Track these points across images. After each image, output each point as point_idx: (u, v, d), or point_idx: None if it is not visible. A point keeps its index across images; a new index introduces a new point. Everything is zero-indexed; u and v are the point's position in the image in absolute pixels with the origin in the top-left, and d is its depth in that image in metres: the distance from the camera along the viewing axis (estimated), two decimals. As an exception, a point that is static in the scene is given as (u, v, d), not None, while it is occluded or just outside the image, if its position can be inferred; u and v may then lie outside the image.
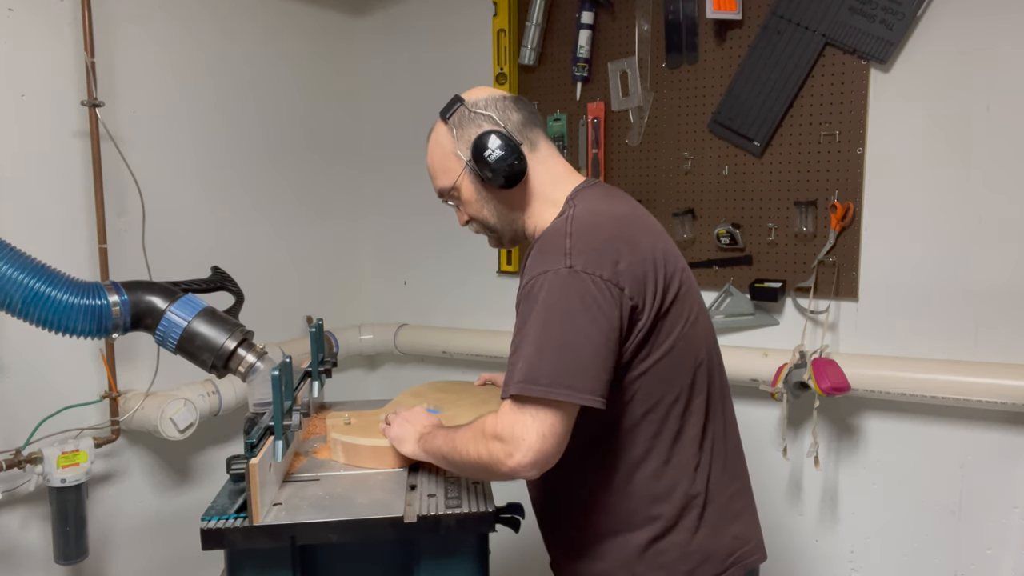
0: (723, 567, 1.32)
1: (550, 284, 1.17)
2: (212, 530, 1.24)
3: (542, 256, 1.22)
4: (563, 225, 1.24)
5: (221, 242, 2.37)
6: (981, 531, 1.97)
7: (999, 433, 1.92)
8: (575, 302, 1.15)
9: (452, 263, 2.80)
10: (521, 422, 1.13)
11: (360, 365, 3.00)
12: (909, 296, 1.99)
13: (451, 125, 1.34)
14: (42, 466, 1.84)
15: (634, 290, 1.20)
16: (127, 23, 2.09)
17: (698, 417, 1.31)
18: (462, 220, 1.42)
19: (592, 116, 2.36)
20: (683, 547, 1.29)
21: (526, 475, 1.15)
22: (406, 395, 1.76)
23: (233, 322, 1.49)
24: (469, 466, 1.24)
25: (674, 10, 2.20)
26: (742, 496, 1.40)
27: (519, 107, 1.35)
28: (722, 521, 1.33)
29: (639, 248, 1.24)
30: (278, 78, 2.56)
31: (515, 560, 2.32)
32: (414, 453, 1.40)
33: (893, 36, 1.92)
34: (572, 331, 1.15)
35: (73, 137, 1.98)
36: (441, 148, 1.36)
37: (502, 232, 1.39)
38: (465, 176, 1.34)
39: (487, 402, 1.65)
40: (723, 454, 1.36)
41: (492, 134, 1.28)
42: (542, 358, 1.14)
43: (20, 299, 1.32)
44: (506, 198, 1.35)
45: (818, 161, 2.06)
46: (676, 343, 1.26)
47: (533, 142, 1.34)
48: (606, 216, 1.28)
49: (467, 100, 1.35)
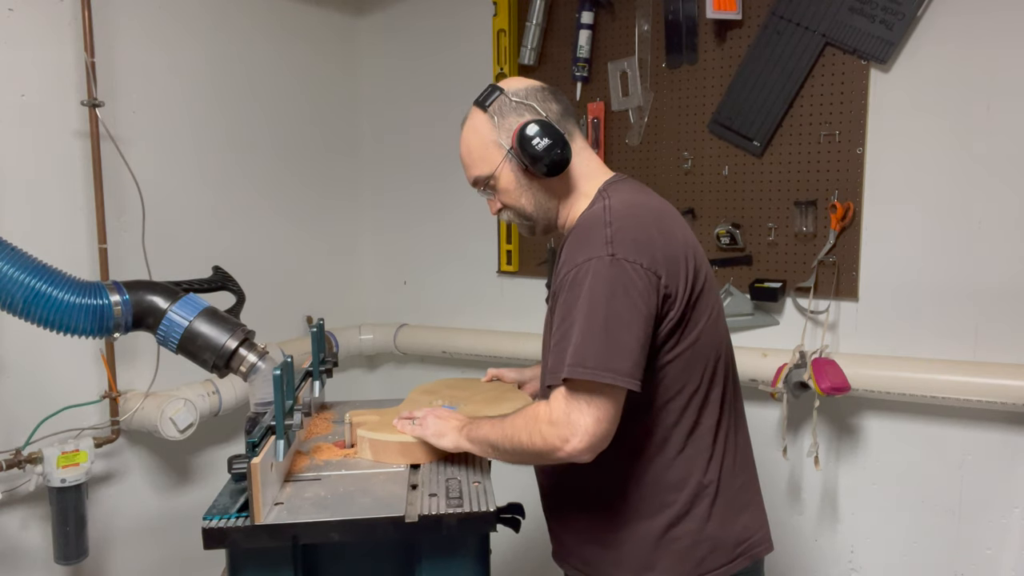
0: (732, 556, 1.35)
1: (594, 271, 1.20)
2: (214, 529, 1.24)
3: (583, 244, 1.24)
4: (602, 214, 1.27)
5: (221, 242, 2.37)
6: (981, 531, 1.97)
7: (999, 433, 1.93)
8: (618, 288, 1.19)
9: (452, 263, 2.80)
10: (577, 408, 1.17)
11: (360, 365, 3.00)
12: (909, 296, 2.00)
13: (491, 114, 1.35)
14: (42, 466, 1.84)
15: (669, 279, 1.24)
16: (127, 23, 2.09)
17: (714, 409, 1.35)
18: (493, 209, 1.43)
19: (592, 116, 2.36)
20: (695, 535, 1.32)
21: (582, 459, 1.19)
22: (418, 392, 1.77)
23: (234, 322, 1.49)
24: (520, 452, 1.27)
25: (674, 10, 2.20)
26: (750, 488, 1.43)
27: (557, 98, 1.38)
28: (731, 511, 1.36)
29: (673, 240, 1.28)
30: (278, 78, 2.56)
31: (516, 560, 2.33)
32: (457, 444, 1.40)
33: (893, 36, 1.93)
34: (615, 316, 1.18)
35: (73, 137, 1.98)
36: (480, 137, 1.37)
37: (537, 220, 1.40)
38: (506, 164, 1.35)
39: (500, 398, 1.66)
40: (734, 447, 1.39)
41: (537, 123, 1.29)
42: (590, 342, 1.17)
43: (21, 298, 1.32)
44: (546, 187, 1.37)
45: (818, 161, 2.06)
46: (701, 335, 1.30)
47: (571, 133, 1.36)
48: (643, 208, 1.31)
49: (506, 89, 1.36)
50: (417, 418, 1.48)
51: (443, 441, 1.42)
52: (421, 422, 1.46)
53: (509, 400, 1.64)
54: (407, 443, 1.46)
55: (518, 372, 1.79)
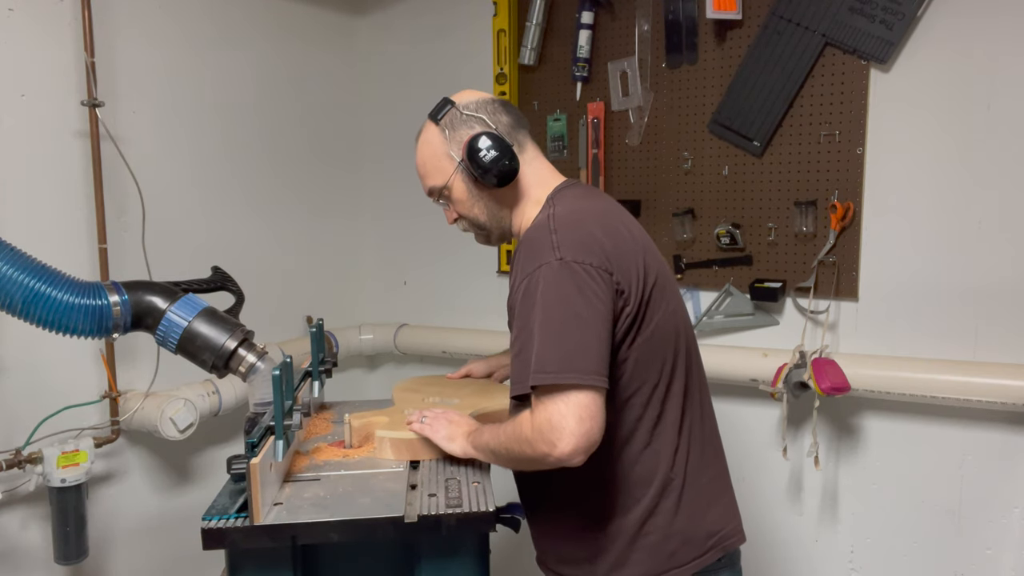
0: (704, 549, 1.36)
1: (545, 277, 1.22)
2: (213, 530, 1.24)
3: (531, 254, 1.27)
4: (547, 222, 1.29)
5: (221, 242, 2.37)
6: (981, 531, 1.97)
7: (999, 433, 1.93)
8: (572, 289, 1.21)
9: (452, 263, 2.80)
10: (557, 411, 1.17)
11: (360, 365, 3.00)
12: (909, 296, 1.99)
13: (443, 127, 1.41)
14: (42, 466, 1.84)
15: (620, 276, 1.26)
16: (127, 23, 2.09)
17: (677, 401, 1.36)
18: (450, 219, 1.49)
19: (592, 116, 2.36)
20: (665, 529, 1.34)
21: (573, 462, 1.18)
22: (400, 391, 1.78)
23: (234, 322, 1.49)
24: (517, 460, 1.29)
25: (674, 10, 2.20)
26: (719, 480, 1.44)
27: (507, 110, 1.43)
28: (701, 504, 1.38)
29: (619, 238, 1.31)
30: (278, 78, 2.56)
31: (515, 560, 2.32)
32: (464, 450, 1.43)
33: (893, 36, 1.92)
34: (573, 317, 1.20)
35: (73, 137, 1.98)
36: (433, 149, 1.43)
37: (491, 229, 1.46)
38: (457, 176, 1.41)
39: (484, 390, 1.73)
40: (700, 439, 1.41)
41: (485, 135, 1.35)
42: (550, 346, 1.19)
43: (21, 299, 1.32)
44: (497, 196, 1.42)
45: (818, 161, 2.06)
46: (657, 328, 1.32)
47: (521, 144, 1.41)
48: (586, 212, 1.34)
49: (457, 102, 1.42)
50: (428, 416, 1.49)
51: (452, 446, 1.44)
52: (432, 423, 1.47)
53: (497, 389, 1.70)
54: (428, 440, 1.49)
55: (486, 363, 1.86)
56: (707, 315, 2.26)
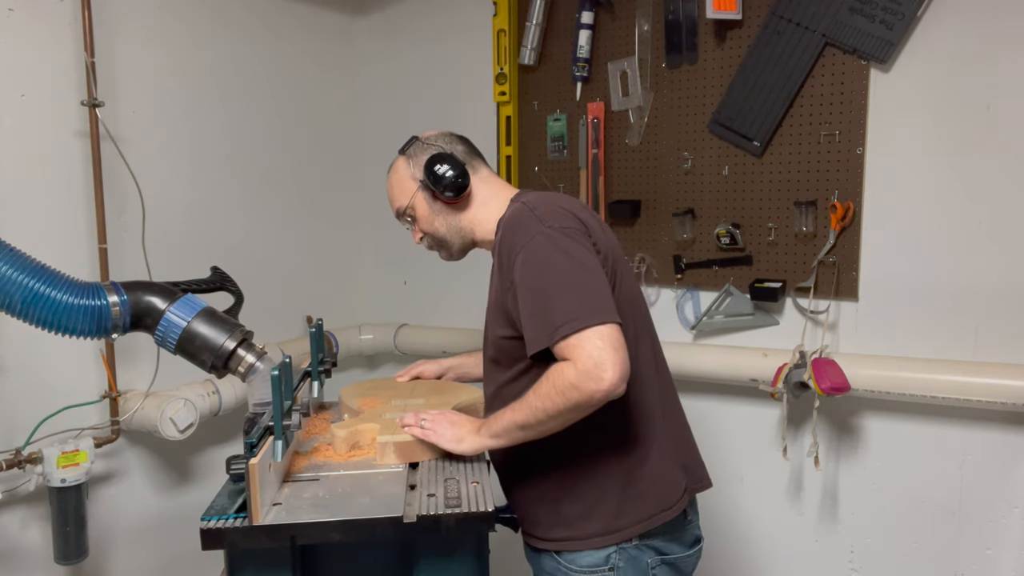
0: (680, 492, 1.48)
1: (541, 245, 1.36)
2: (212, 530, 1.24)
3: (518, 233, 1.40)
4: (523, 208, 1.44)
5: (221, 242, 2.37)
6: (981, 531, 1.97)
7: (999, 433, 1.93)
8: (568, 246, 1.36)
9: (452, 263, 2.78)
10: (595, 348, 1.26)
11: (360, 365, 3.00)
12: (909, 296, 1.99)
13: (408, 156, 1.60)
14: (42, 466, 1.84)
15: (596, 239, 1.43)
16: (127, 23, 2.09)
17: (647, 357, 1.51)
18: (416, 237, 1.65)
19: (592, 116, 2.36)
20: (651, 477, 1.45)
21: (619, 390, 1.27)
22: (353, 396, 1.75)
23: (233, 322, 1.49)
24: (556, 416, 1.31)
25: (674, 10, 2.20)
26: (684, 430, 1.59)
27: (463, 140, 1.62)
28: (674, 452, 1.52)
29: (588, 215, 1.49)
30: (278, 78, 2.56)
31: (515, 560, 2.32)
32: (479, 446, 1.45)
33: (893, 36, 1.92)
34: (578, 267, 1.34)
35: (73, 137, 1.98)
36: (399, 175, 1.61)
37: (452, 242, 1.61)
38: (419, 194, 1.57)
39: (439, 389, 1.80)
40: (665, 395, 1.54)
41: (440, 155, 1.53)
42: (569, 297, 1.31)
43: (20, 299, 1.32)
44: (455, 210, 1.57)
45: (818, 161, 2.06)
46: (624, 291, 1.46)
47: (475, 166, 1.58)
48: (553, 198, 1.52)
49: (421, 137, 1.61)
50: (426, 420, 1.49)
51: (462, 446, 1.45)
52: (434, 428, 1.47)
53: (453, 388, 1.78)
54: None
55: (437, 364, 1.92)
56: (707, 315, 2.26)
